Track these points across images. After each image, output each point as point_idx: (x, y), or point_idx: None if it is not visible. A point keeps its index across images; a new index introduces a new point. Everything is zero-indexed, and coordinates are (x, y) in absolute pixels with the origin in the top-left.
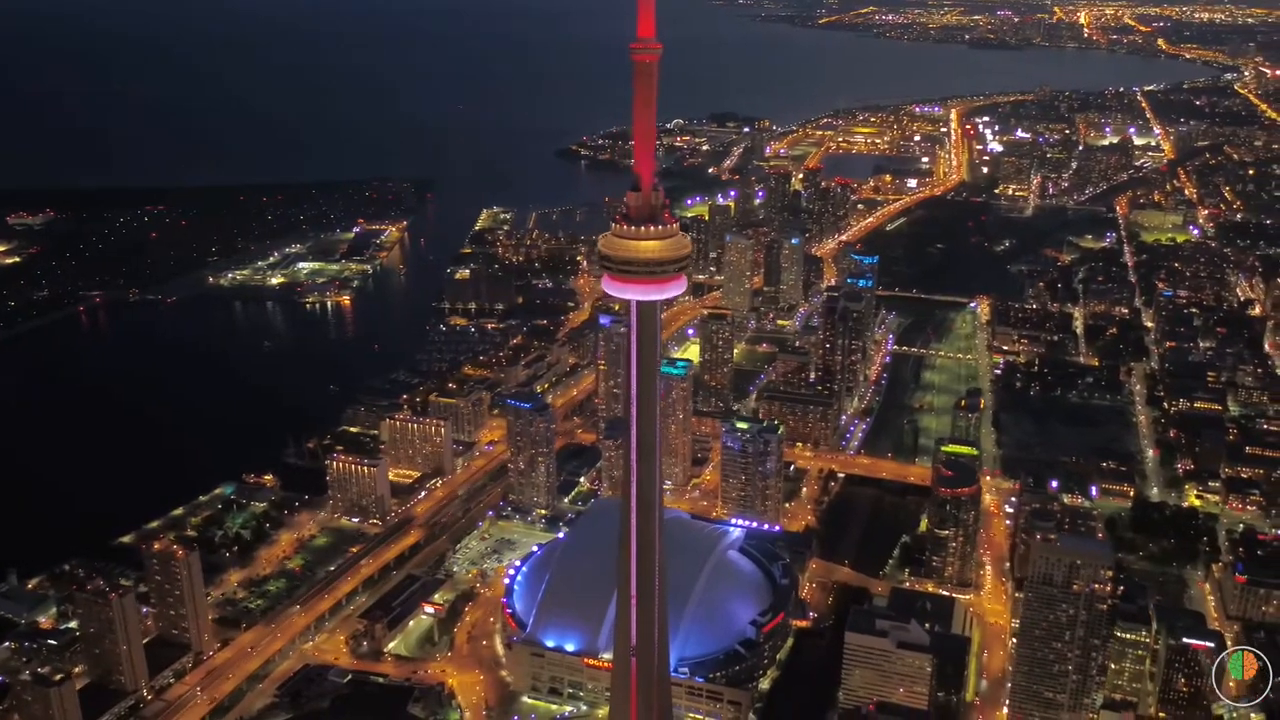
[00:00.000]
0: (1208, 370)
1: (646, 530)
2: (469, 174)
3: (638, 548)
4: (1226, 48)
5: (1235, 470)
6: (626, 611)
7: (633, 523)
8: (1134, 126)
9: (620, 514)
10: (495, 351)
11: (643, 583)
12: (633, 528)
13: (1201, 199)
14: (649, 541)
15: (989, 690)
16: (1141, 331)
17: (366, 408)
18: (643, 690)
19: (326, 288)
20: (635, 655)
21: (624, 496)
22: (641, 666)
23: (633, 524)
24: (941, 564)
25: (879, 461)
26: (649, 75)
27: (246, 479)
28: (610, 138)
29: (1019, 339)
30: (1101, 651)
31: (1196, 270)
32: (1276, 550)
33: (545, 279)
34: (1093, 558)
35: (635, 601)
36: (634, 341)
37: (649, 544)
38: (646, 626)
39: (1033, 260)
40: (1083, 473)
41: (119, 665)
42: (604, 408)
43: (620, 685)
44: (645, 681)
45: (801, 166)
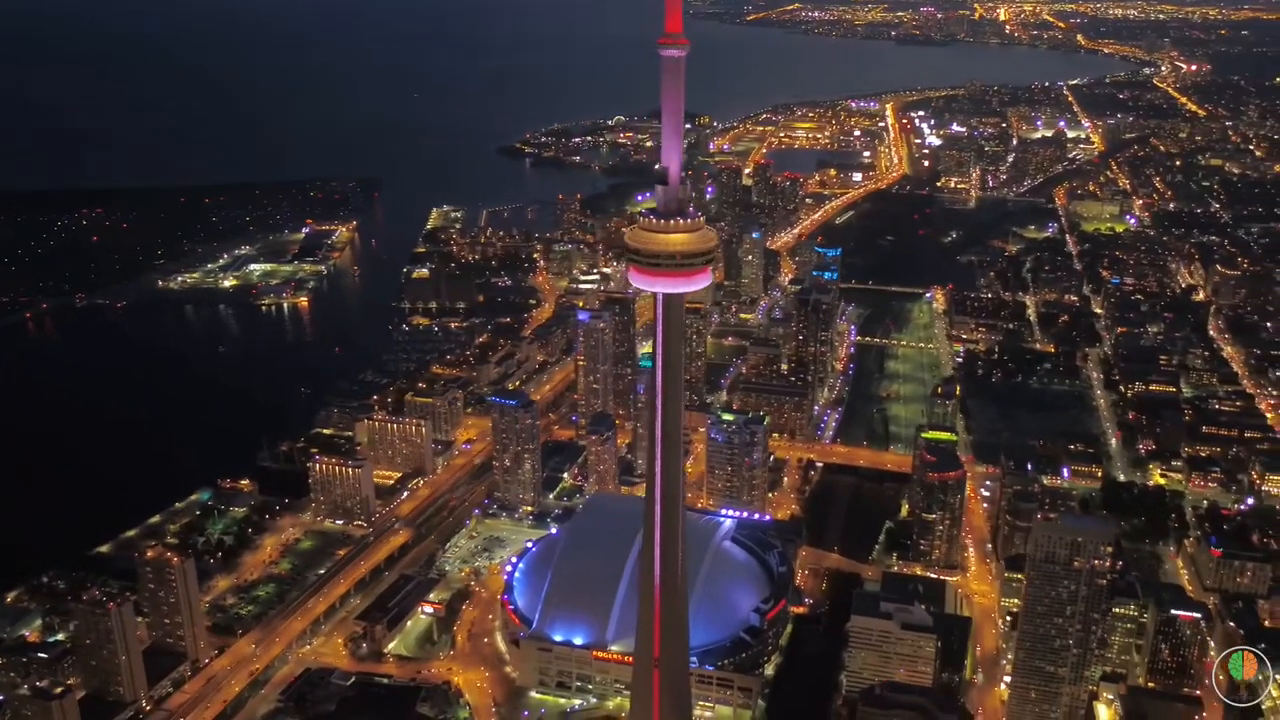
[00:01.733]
0: (1159, 354)
1: (671, 523)
2: (415, 173)
3: (662, 541)
4: (1142, 43)
5: (1195, 449)
6: (650, 604)
7: (657, 515)
8: (1064, 120)
9: (645, 507)
10: (462, 350)
11: (667, 575)
12: (657, 520)
13: (1135, 189)
14: (673, 534)
15: (984, 668)
16: (1092, 318)
17: (339, 409)
18: (666, 685)
19: (282, 289)
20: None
21: (648, 489)
22: (665, 659)
23: (657, 516)
24: (929, 547)
25: (855, 450)
26: (676, 71)
27: (222, 484)
28: (553, 135)
29: (977, 327)
30: (1101, 625)
31: (1138, 258)
32: (1241, 524)
33: (504, 277)
34: (1094, 535)
35: (659, 591)
36: (660, 334)
37: (673, 537)
38: (671, 616)
39: (980, 251)
40: (1052, 455)
41: (117, 676)
42: (583, 403)
43: (642, 680)
44: (670, 676)
45: (750, 161)
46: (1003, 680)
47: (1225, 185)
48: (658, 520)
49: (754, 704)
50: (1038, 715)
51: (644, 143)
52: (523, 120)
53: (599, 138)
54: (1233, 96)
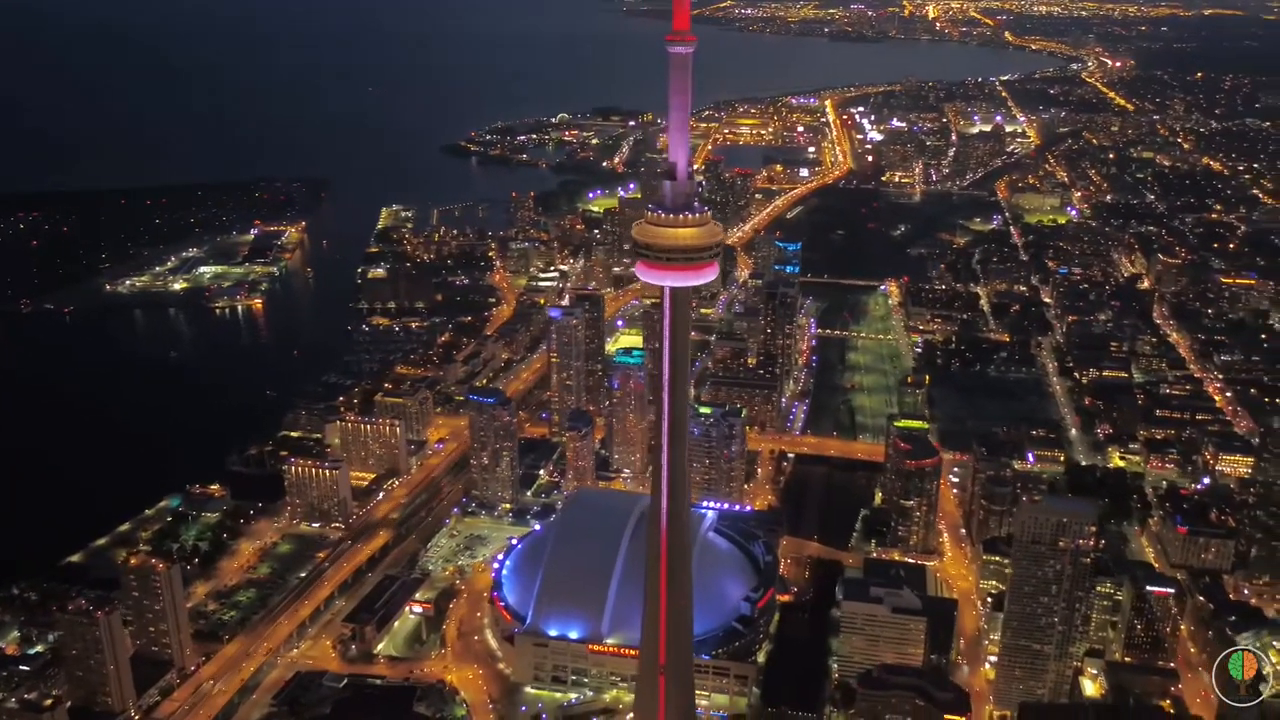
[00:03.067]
0: (1109, 341)
1: (679, 514)
2: (361, 172)
3: (668, 532)
4: (1068, 39)
5: (1150, 432)
6: (656, 598)
7: (663, 508)
8: (1000, 115)
9: (650, 499)
10: (425, 350)
11: (674, 566)
12: (663, 513)
13: (1073, 182)
14: (681, 526)
15: (966, 649)
16: (1043, 307)
17: (307, 412)
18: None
19: (236, 291)
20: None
21: (654, 482)
22: (671, 651)
23: (663, 509)
24: (907, 533)
25: (825, 440)
26: (684, 67)
27: (192, 490)
28: (497, 133)
29: (933, 318)
30: (1085, 603)
31: (1081, 249)
32: (1199, 503)
33: (461, 276)
34: (1078, 515)
35: (665, 582)
36: (668, 327)
37: (681, 528)
38: (678, 608)
39: (930, 243)
40: (1015, 441)
41: (105, 686)
42: (556, 400)
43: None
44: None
45: (697, 158)
46: (986, 660)
47: (1158, 177)
48: (663, 519)
49: (749, 691)
50: (1024, 692)
51: (589, 140)
52: (466, 118)
53: (544, 136)
54: (1158, 91)
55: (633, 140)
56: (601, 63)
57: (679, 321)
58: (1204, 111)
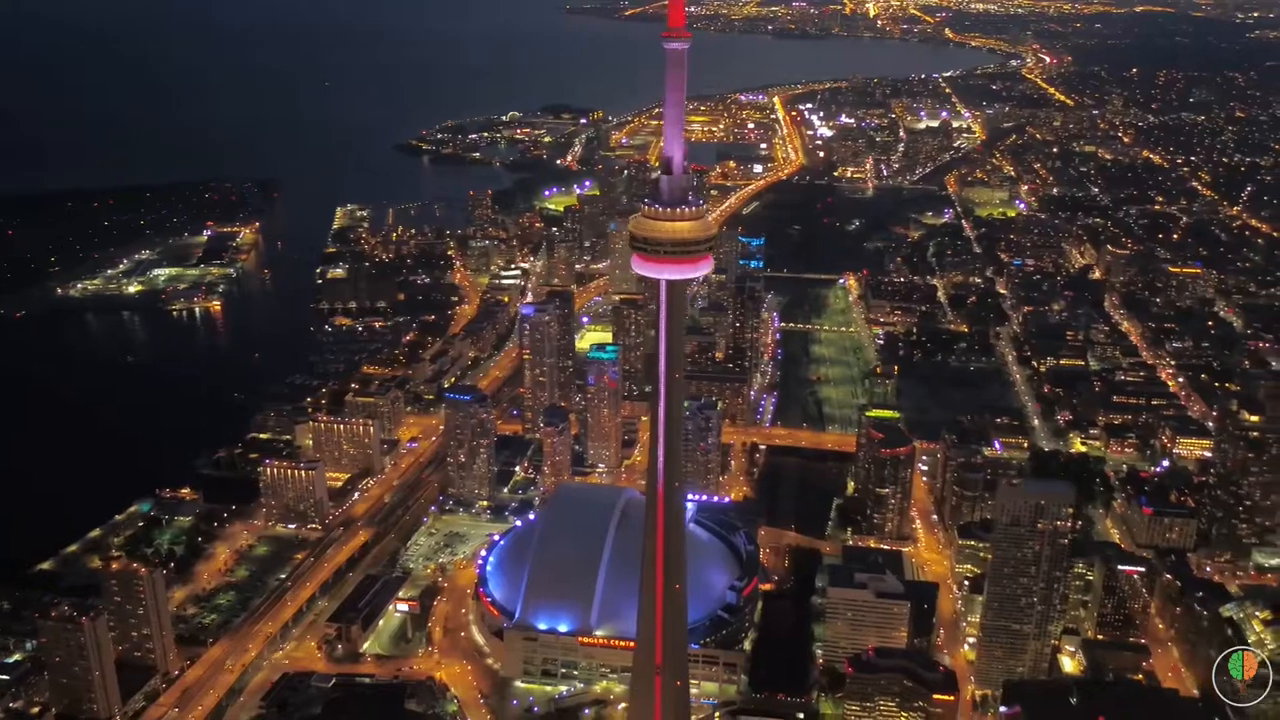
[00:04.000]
0: (1065, 330)
1: (673, 504)
2: (313, 172)
3: (665, 523)
4: (1007, 36)
5: (1109, 418)
6: (653, 591)
7: (659, 499)
8: (946, 110)
9: (646, 489)
10: (390, 349)
11: (670, 558)
12: (660, 504)
13: (1020, 175)
14: (677, 517)
15: (945, 632)
16: (998, 298)
17: (275, 413)
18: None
19: (193, 294)
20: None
21: (649, 474)
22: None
23: (659, 501)
24: (882, 520)
25: (795, 432)
26: (680, 64)
27: (162, 494)
28: (448, 132)
29: (892, 311)
30: (1063, 583)
31: (1032, 240)
32: (1159, 485)
33: (422, 275)
34: (1055, 498)
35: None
36: (664, 319)
37: (677, 519)
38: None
39: (885, 237)
40: (980, 429)
41: (90, 692)
42: (529, 396)
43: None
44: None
45: (650, 155)
46: (965, 642)
47: (1101, 170)
48: (659, 511)
49: (738, 678)
50: (1005, 671)
51: (542, 138)
52: (417, 117)
53: (496, 134)
54: (1096, 87)
55: (585, 138)
56: (547, 61)
57: (675, 314)
58: (1141, 106)
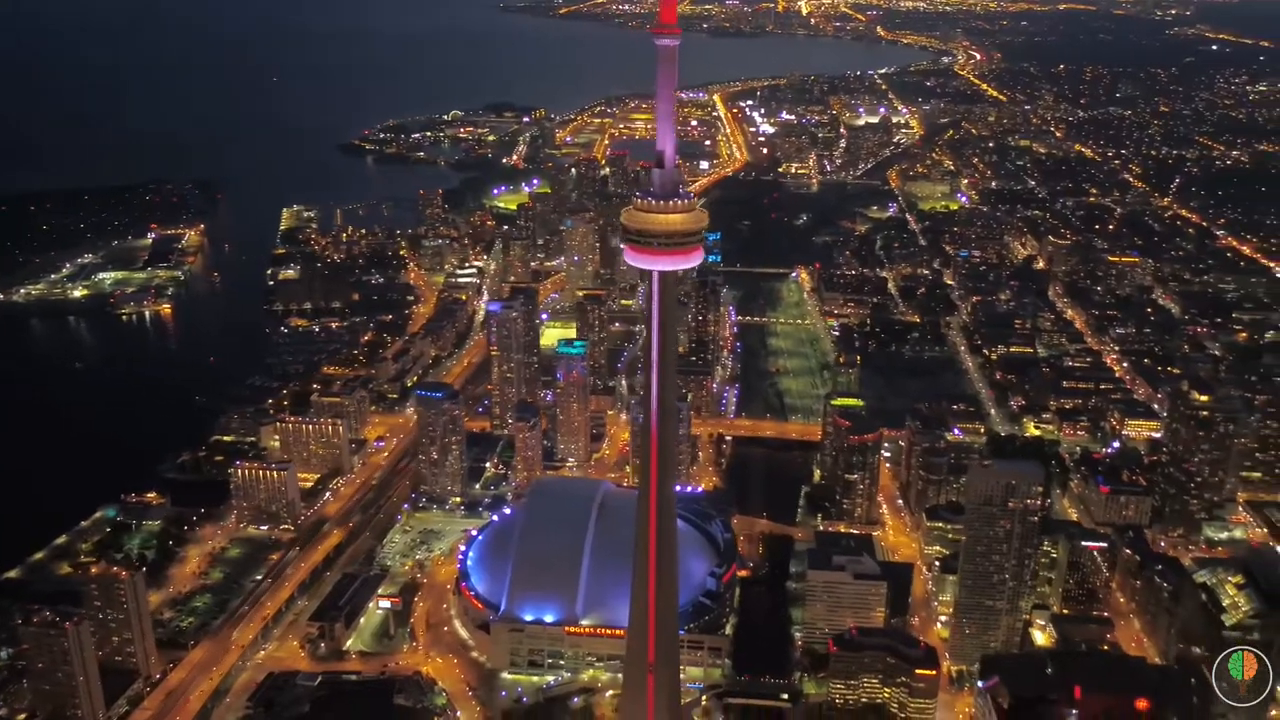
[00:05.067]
0: (1013, 319)
1: (666, 492)
2: (255, 173)
3: (657, 512)
4: (938, 34)
5: (1060, 402)
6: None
7: (652, 490)
8: (884, 107)
9: (639, 476)
10: (349, 349)
11: (663, 545)
12: (652, 495)
13: (959, 170)
14: (668, 507)
15: (917, 611)
16: (947, 289)
17: (239, 415)
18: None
19: (142, 297)
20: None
21: (642, 462)
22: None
23: (652, 492)
24: (851, 506)
25: (759, 422)
26: (670, 60)
27: (128, 499)
28: (390, 131)
29: (845, 303)
30: (1033, 560)
31: (976, 233)
32: (1112, 465)
33: (375, 275)
34: (1025, 477)
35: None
36: (656, 310)
37: (668, 508)
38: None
39: (833, 231)
40: (938, 416)
41: (74, 698)
42: (497, 393)
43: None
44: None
45: (595, 152)
46: (937, 620)
47: (1036, 164)
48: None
49: (723, 662)
50: (979, 646)
51: (485, 137)
52: (357, 117)
53: (439, 133)
54: (1027, 83)
55: (529, 136)
56: (484, 60)
57: (667, 305)
58: (1071, 101)
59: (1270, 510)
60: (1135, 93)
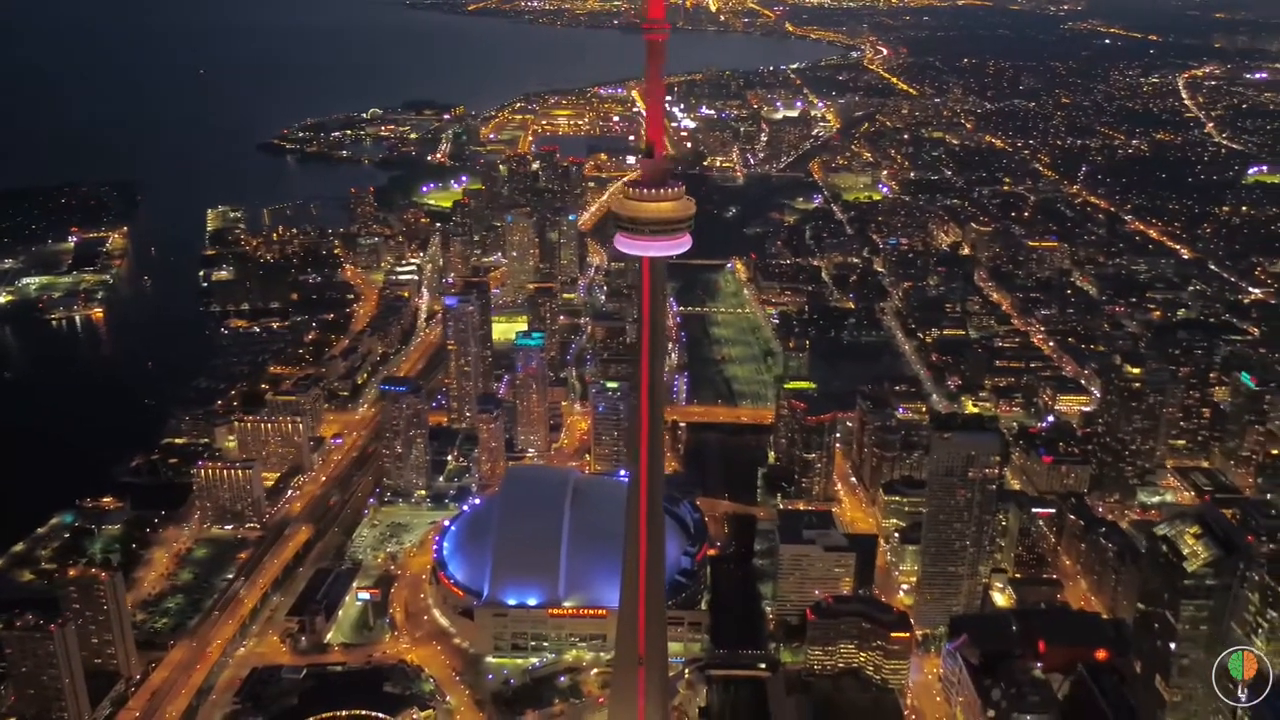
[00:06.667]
0: (944, 303)
1: (655, 477)
2: (174, 174)
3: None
4: (845, 29)
5: (994, 381)
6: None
7: (642, 474)
8: (801, 101)
9: (629, 459)
10: (294, 349)
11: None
12: (642, 480)
13: (877, 161)
14: (657, 491)
15: (879, 581)
16: (878, 276)
17: (191, 417)
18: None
19: (72, 302)
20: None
21: (632, 449)
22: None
23: (642, 476)
24: (810, 484)
25: (711, 409)
26: (659, 54)
27: (84, 504)
28: (309, 129)
29: (782, 291)
30: (991, 526)
31: (900, 222)
32: (1048, 438)
33: (312, 274)
34: (984, 447)
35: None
36: (646, 294)
37: (657, 492)
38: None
39: (762, 223)
40: (882, 397)
41: (59, 701)
42: (455, 386)
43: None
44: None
45: (519, 148)
46: (900, 589)
47: (950, 154)
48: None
49: (702, 637)
50: (943, 610)
51: (408, 135)
52: (274, 115)
53: (359, 132)
54: (934, 76)
55: (452, 134)
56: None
57: (657, 289)
58: (978, 94)
59: (1195, 474)
60: (1037, 85)
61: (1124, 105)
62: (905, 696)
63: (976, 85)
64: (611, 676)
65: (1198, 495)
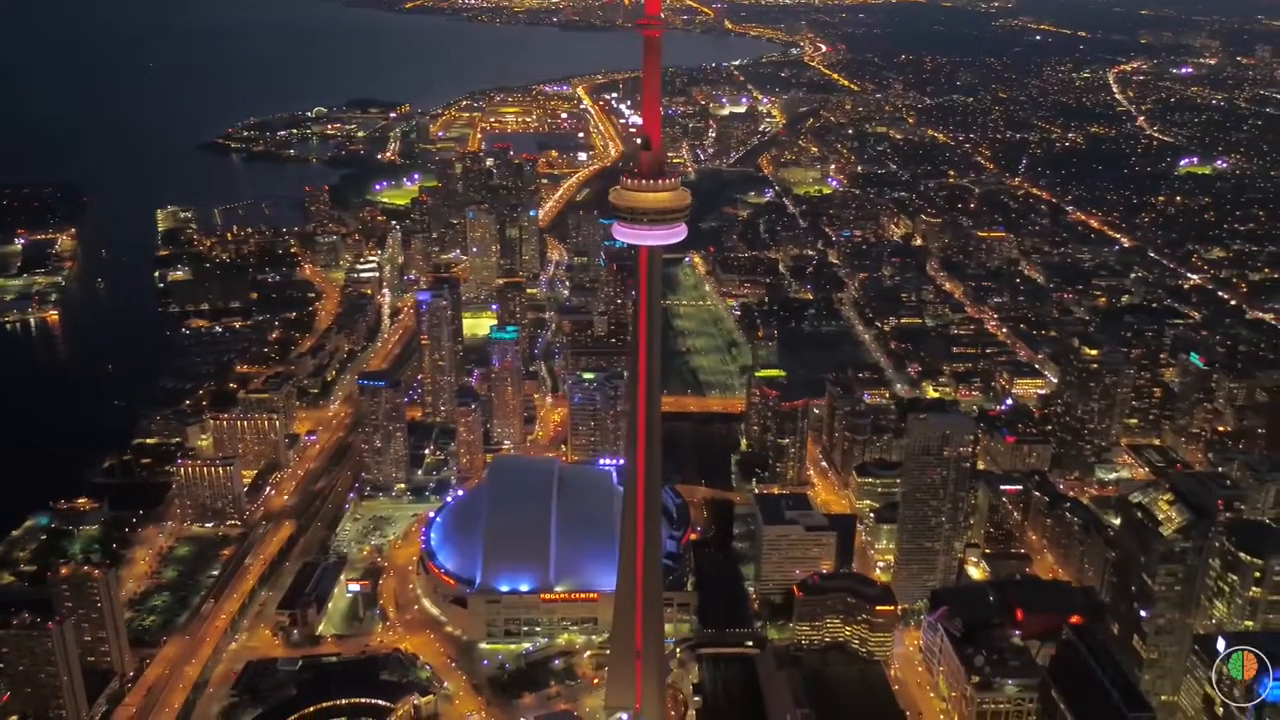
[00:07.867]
0: (899, 293)
1: (653, 464)
2: (117, 174)
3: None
4: (783, 26)
5: (953, 367)
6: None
7: (640, 465)
8: (746, 97)
9: (625, 449)
10: (259, 348)
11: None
12: (640, 470)
13: (824, 156)
14: (655, 478)
15: (856, 560)
16: (833, 267)
17: (162, 417)
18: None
19: (25, 305)
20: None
21: (629, 437)
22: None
23: (640, 467)
24: (784, 469)
25: (681, 399)
26: (655, 49)
27: (58, 506)
28: (254, 129)
29: (741, 283)
30: (965, 503)
31: (852, 214)
32: (1008, 420)
33: (271, 273)
34: (959, 427)
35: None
36: (642, 281)
37: (655, 480)
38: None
39: (716, 217)
40: (846, 384)
41: (58, 698)
42: (429, 381)
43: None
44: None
45: (469, 146)
46: (876, 566)
47: (895, 149)
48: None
49: (690, 618)
50: (920, 585)
51: (355, 133)
52: (216, 114)
53: (305, 130)
54: (874, 73)
55: (399, 132)
56: (338, 55)
57: (653, 277)
58: (918, 89)
59: (1148, 451)
60: (974, 80)
61: (1058, 100)
62: (890, 667)
63: (915, 81)
64: (609, 658)
65: (1152, 471)
